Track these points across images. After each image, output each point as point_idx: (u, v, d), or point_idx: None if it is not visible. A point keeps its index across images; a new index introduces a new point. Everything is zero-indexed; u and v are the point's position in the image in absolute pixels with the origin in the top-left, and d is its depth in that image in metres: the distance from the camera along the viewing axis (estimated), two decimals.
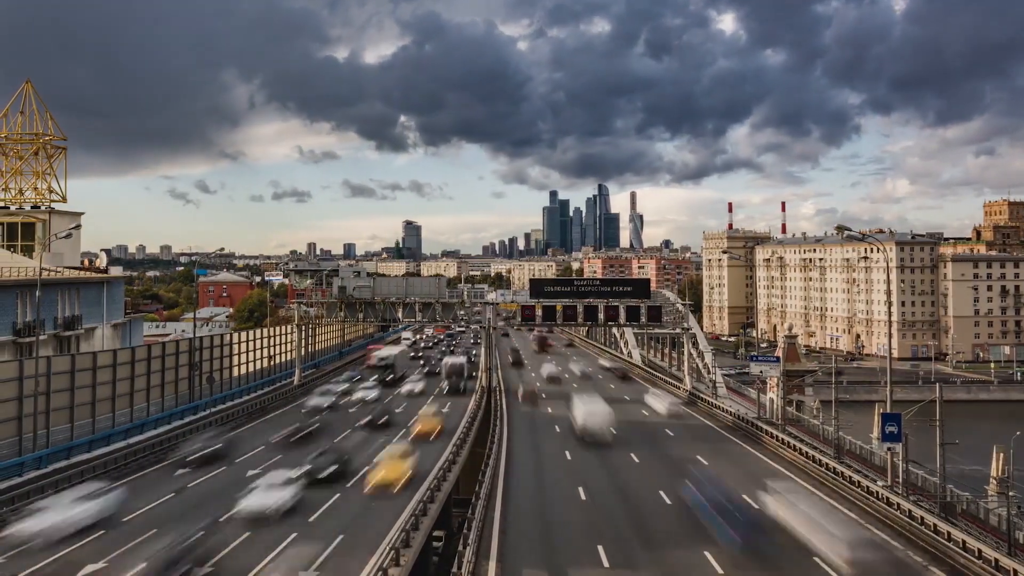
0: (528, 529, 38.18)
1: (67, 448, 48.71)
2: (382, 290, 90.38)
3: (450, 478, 45.90)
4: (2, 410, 44.14)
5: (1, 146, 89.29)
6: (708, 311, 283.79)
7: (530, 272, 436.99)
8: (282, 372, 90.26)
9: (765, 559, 32.58)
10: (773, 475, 49.79)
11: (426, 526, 36.46)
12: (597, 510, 41.24)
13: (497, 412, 68.75)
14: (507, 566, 32.67)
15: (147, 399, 59.65)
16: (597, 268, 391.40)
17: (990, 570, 31.21)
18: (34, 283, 59.38)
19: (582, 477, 48.35)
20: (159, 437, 56.04)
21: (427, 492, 40.09)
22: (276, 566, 30.91)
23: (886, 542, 36.23)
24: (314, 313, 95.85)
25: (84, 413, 51.59)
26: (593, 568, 32.69)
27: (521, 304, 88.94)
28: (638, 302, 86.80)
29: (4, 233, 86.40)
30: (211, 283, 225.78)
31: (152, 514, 38.47)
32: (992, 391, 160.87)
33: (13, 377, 45.38)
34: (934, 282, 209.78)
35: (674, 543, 35.63)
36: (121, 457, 49.81)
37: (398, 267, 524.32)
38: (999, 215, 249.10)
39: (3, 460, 43.46)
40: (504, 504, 42.20)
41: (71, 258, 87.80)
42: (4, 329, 64.57)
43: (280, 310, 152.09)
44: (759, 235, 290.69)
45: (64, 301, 72.84)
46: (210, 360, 71.76)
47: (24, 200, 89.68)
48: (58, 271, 75.79)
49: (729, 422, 68.75)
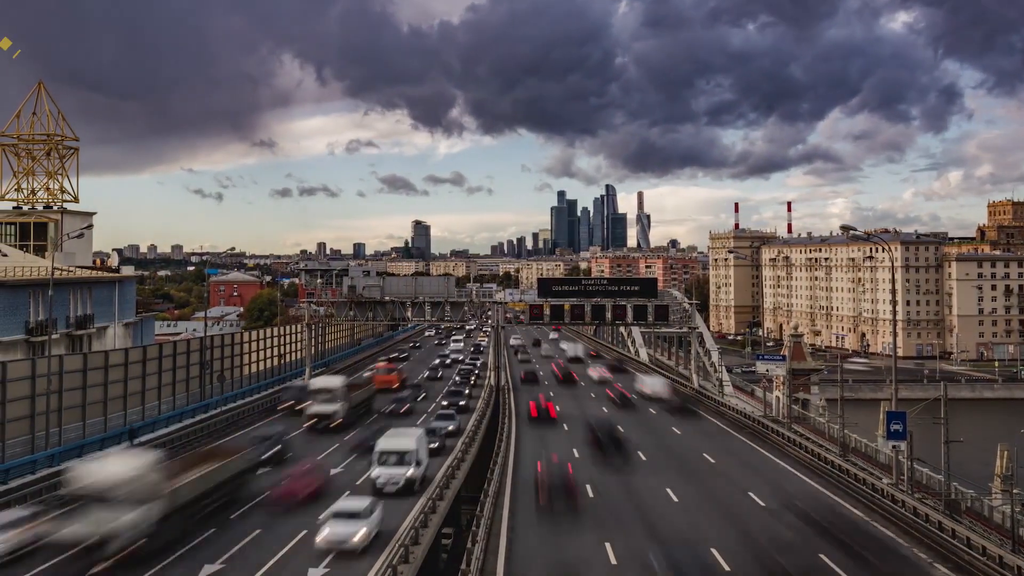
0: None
1: (79, 446, 49.05)
2: (391, 289, 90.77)
3: (459, 476, 46.30)
4: (15, 408, 44.56)
5: (14, 146, 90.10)
6: (714, 310, 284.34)
7: (538, 272, 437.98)
8: (292, 371, 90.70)
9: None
10: (779, 472, 50.37)
11: (435, 523, 36.78)
12: (605, 507, 41.44)
13: (505, 410, 69.11)
14: (515, 563, 32.95)
15: (158, 398, 60.19)
16: (604, 268, 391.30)
17: (995, 567, 31.37)
18: (46, 282, 60.01)
19: (589, 474, 48.69)
20: (170, 436, 56.40)
21: (436, 490, 40.52)
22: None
23: (892, 539, 36.63)
24: (324, 312, 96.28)
25: (96, 411, 52.09)
26: (600, 564, 32.95)
27: (529, 303, 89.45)
28: (645, 301, 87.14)
29: (17, 233, 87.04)
30: (222, 282, 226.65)
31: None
32: (996, 389, 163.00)
33: (26, 376, 45.79)
34: (939, 281, 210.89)
35: (682, 540, 35.91)
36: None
37: (407, 267, 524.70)
38: (1003, 215, 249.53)
39: (16, 458, 43.93)
40: (513, 501, 42.50)
41: (83, 258, 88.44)
42: (17, 328, 65.06)
43: (290, 309, 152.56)
44: (765, 235, 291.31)
45: (76, 300, 73.39)
46: (221, 359, 72.16)
47: (36, 200, 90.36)
48: (70, 271, 76.31)
49: (735, 420, 69.07)
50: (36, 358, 50.84)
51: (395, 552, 30.38)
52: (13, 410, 44.32)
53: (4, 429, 43.51)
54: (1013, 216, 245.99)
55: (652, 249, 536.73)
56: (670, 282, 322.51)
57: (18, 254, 78.78)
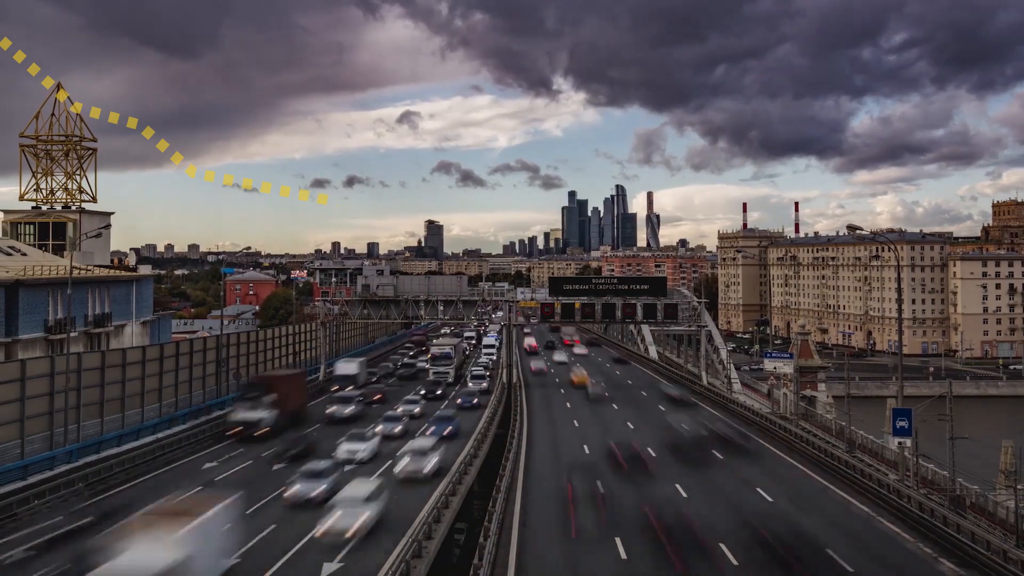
0: (548, 522, 38.89)
1: (97, 443, 49.62)
2: (405, 288, 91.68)
3: (471, 472, 47.04)
4: (34, 405, 44.93)
5: (33, 147, 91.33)
6: (723, 309, 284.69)
7: (549, 271, 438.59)
8: (307, 368, 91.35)
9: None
10: (787, 467, 50.90)
11: (448, 518, 37.42)
12: (614, 504, 41.74)
13: (517, 407, 69.81)
14: (527, 558, 33.45)
15: (175, 395, 60.78)
16: (615, 267, 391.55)
17: (999, 562, 31.62)
18: (65, 281, 60.91)
19: (600, 471, 49.30)
20: (186, 432, 56.98)
21: (449, 485, 41.25)
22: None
23: (898, 534, 37.13)
24: (338, 311, 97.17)
25: (114, 408, 52.53)
26: (611, 560, 33.32)
27: (541, 302, 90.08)
28: (655, 300, 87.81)
29: (36, 233, 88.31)
30: (238, 281, 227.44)
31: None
32: (1000, 386, 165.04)
33: (45, 373, 46.15)
34: (943, 280, 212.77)
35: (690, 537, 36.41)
36: (149, 452, 50.84)
37: (420, 266, 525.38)
38: (1008, 215, 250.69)
39: (35, 454, 44.35)
40: (524, 496, 43.12)
41: (101, 257, 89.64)
42: (36, 326, 65.91)
43: (305, 308, 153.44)
44: (772, 235, 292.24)
45: (94, 299, 74.32)
46: (236, 357, 72.74)
47: (55, 200, 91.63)
48: (88, 270, 77.30)
49: (743, 416, 69.59)
50: (55, 356, 51.02)
51: (408, 548, 30.85)
52: (32, 407, 44.68)
53: (24, 426, 43.93)
54: (1017, 216, 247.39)
55: (661, 248, 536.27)
56: (679, 281, 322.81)
57: (37, 253, 79.91)
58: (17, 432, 43.53)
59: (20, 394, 43.90)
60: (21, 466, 42.74)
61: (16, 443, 43.39)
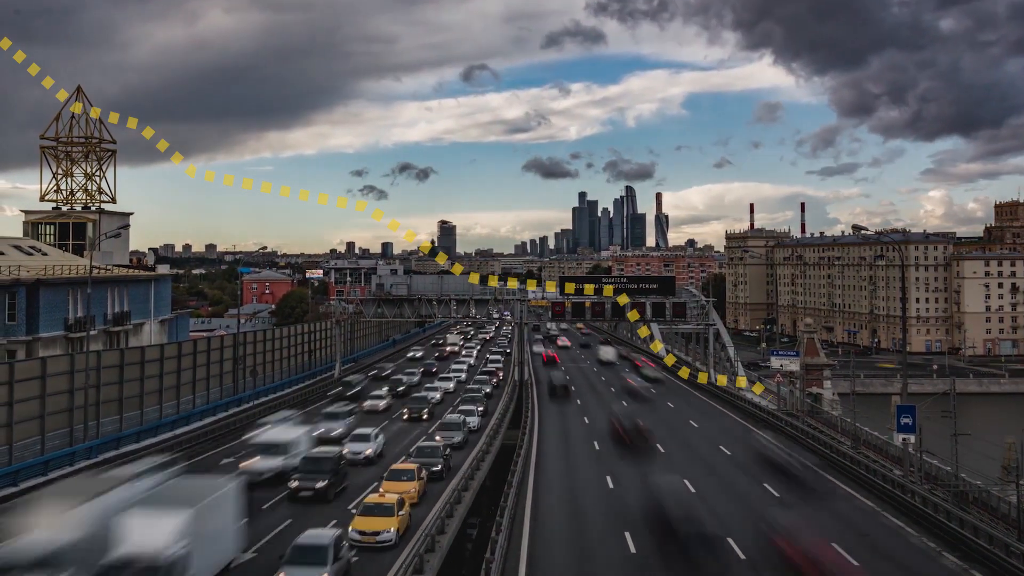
0: (558, 516, 39.62)
1: (116, 439, 50.34)
2: (418, 287, 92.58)
3: (483, 467, 47.78)
4: (54, 402, 45.52)
5: (54, 149, 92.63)
6: (731, 307, 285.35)
7: (560, 270, 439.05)
8: (322, 366, 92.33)
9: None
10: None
11: (460, 513, 38.14)
12: (624, 499, 42.51)
13: (528, 404, 70.57)
14: (538, 552, 34.10)
15: (193, 392, 61.54)
16: (624, 266, 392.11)
17: (1001, 555, 32.07)
18: (85, 281, 62.00)
19: (609, 467, 50.02)
20: (204, 428, 57.83)
21: (462, 481, 42.04)
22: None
23: (902, 528, 37.78)
24: (352, 309, 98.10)
25: (133, 405, 53.23)
26: (620, 555, 33.94)
27: (551, 300, 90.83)
28: (663, 299, 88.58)
29: (56, 233, 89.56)
30: (254, 280, 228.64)
31: None
32: (1003, 384, 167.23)
33: (65, 371, 46.80)
34: (947, 280, 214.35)
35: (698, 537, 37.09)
36: (167, 448, 51.14)
37: (432, 266, 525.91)
38: (1011, 215, 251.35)
39: (55, 450, 44.98)
40: (535, 491, 43.89)
41: (120, 256, 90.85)
42: (56, 324, 67.01)
43: (320, 307, 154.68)
44: (779, 235, 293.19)
45: (113, 298, 75.38)
46: (253, 355, 73.32)
47: (75, 201, 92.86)
48: (108, 269, 78.41)
49: (751, 413, 70.27)
50: (75, 354, 51.71)
51: (421, 542, 31.40)
52: (52, 404, 45.22)
53: (44, 422, 44.53)
54: (1020, 217, 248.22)
55: (670, 248, 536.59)
56: (688, 281, 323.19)
57: (57, 253, 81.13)
58: (38, 429, 44.15)
59: (41, 391, 44.46)
60: (42, 462, 43.31)
61: (36, 439, 43.98)
